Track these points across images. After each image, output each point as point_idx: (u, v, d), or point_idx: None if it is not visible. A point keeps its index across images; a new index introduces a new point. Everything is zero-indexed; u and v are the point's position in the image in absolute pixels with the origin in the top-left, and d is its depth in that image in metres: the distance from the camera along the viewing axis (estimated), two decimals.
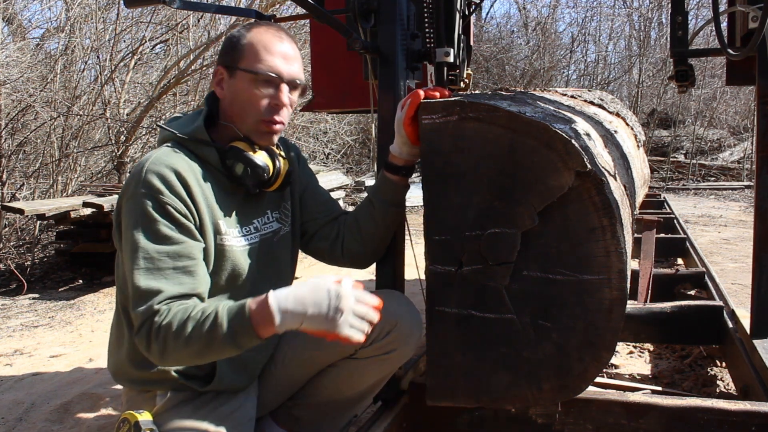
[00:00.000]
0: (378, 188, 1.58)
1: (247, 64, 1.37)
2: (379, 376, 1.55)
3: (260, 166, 1.38)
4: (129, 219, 1.27)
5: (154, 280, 1.23)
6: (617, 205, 1.26)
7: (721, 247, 5.39)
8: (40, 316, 3.82)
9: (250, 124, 1.40)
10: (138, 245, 1.24)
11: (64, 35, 6.61)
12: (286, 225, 1.55)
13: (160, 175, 1.27)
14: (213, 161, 1.37)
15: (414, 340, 1.54)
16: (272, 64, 1.38)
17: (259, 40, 1.38)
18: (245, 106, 1.39)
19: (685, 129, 13.04)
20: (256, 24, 1.43)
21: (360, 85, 2.10)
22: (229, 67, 1.40)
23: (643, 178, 2.65)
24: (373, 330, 1.46)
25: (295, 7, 2.09)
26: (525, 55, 13.46)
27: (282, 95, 1.40)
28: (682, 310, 2.31)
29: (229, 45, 1.41)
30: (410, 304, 1.56)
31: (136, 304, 1.23)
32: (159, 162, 1.29)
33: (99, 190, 5.04)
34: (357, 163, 11.84)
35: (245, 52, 1.38)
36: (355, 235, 1.58)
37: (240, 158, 1.37)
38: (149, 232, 1.24)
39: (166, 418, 1.34)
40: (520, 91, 1.85)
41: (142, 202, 1.25)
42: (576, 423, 1.54)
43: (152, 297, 1.22)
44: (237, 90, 1.39)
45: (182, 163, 1.31)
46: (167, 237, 1.25)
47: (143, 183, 1.26)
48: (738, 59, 1.92)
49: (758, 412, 1.44)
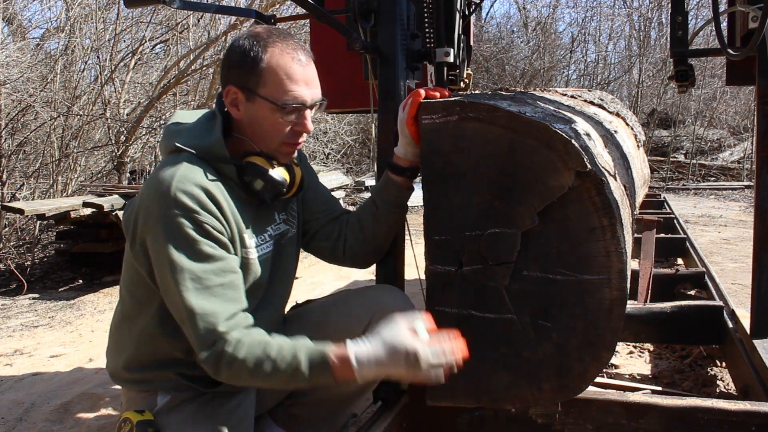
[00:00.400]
0: (381, 189, 1.57)
1: (269, 93, 1.31)
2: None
3: (279, 181, 1.37)
4: (165, 241, 1.24)
5: (206, 300, 1.24)
6: (617, 205, 1.26)
7: (721, 247, 5.39)
8: (40, 316, 3.82)
9: (273, 147, 1.38)
10: (183, 267, 1.23)
11: (64, 35, 6.61)
12: (293, 226, 1.55)
13: (191, 194, 1.25)
14: (230, 175, 1.35)
15: None
16: (297, 94, 1.33)
17: (279, 65, 1.31)
18: (268, 132, 1.36)
19: (685, 129, 13.04)
20: (270, 40, 1.33)
21: (360, 85, 2.10)
22: (246, 90, 1.33)
23: (643, 178, 2.65)
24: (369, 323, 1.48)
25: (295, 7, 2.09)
26: (525, 55, 13.46)
27: (307, 121, 1.37)
28: (682, 310, 2.31)
29: (243, 63, 1.32)
30: (406, 298, 1.56)
31: (193, 326, 1.24)
32: (185, 180, 1.26)
33: (99, 190, 5.04)
34: (357, 163, 11.84)
35: (265, 79, 1.31)
36: (357, 235, 1.58)
37: (258, 174, 1.35)
38: (191, 252, 1.24)
39: (168, 418, 1.34)
40: (520, 91, 1.85)
41: (179, 222, 1.23)
42: (576, 423, 1.54)
43: (212, 319, 1.23)
44: (258, 117, 1.34)
45: (207, 180, 1.29)
46: (210, 255, 1.26)
47: (175, 203, 1.24)
48: (738, 59, 1.92)
49: (758, 412, 1.44)
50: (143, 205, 1.29)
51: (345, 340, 1.37)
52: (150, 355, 1.38)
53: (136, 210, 1.31)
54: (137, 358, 1.39)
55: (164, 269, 1.25)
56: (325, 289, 4.11)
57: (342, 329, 1.50)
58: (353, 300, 1.56)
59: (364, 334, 1.48)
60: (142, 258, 1.31)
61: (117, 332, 1.45)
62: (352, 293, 1.60)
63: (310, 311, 1.58)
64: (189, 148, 1.32)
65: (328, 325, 1.51)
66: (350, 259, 1.61)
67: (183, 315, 1.25)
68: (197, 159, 1.31)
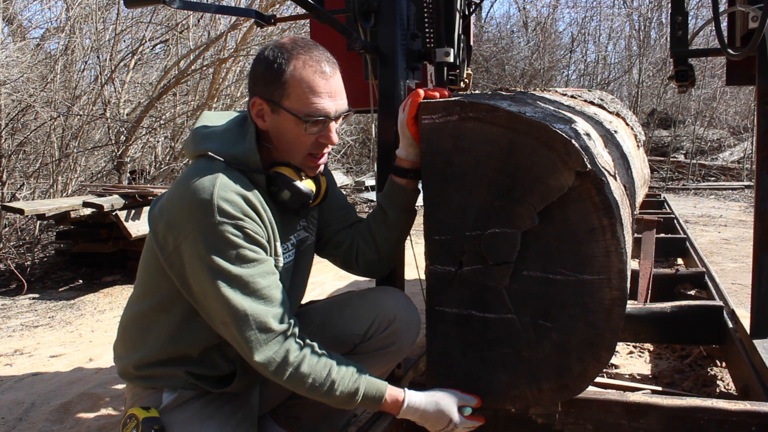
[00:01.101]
0: (387, 193, 1.56)
1: (293, 106, 1.32)
2: (378, 372, 1.56)
3: (306, 193, 1.38)
4: (207, 248, 1.24)
5: (256, 302, 1.27)
6: (617, 205, 1.26)
7: (721, 247, 5.39)
8: (40, 316, 3.82)
9: (299, 159, 1.39)
10: (229, 272, 1.25)
11: (64, 35, 6.61)
12: (312, 233, 1.56)
13: (233, 202, 1.26)
14: (261, 183, 1.36)
15: (412, 335, 1.56)
16: (320, 107, 1.33)
17: (303, 78, 1.31)
18: (293, 144, 1.36)
19: (685, 129, 13.04)
20: (295, 52, 1.32)
21: (360, 85, 2.10)
22: (270, 102, 1.33)
23: (643, 178, 2.65)
24: (371, 325, 1.49)
25: (295, 7, 2.09)
26: (525, 56, 13.46)
27: (331, 134, 1.37)
28: (682, 310, 2.31)
29: (268, 75, 1.32)
30: (408, 299, 1.57)
31: (244, 329, 1.26)
32: (226, 188, 1.26)
33: (99, 190, 5.04)
34: (357, 163, 11.84)
35: (289, 92, 1.31)
36: (369, 243, 1.57)
37: (286, 185, 1.36)
38: (237, 258, 1.26)
39: (173, 416, 1.35)
40: (520, 91, 1.85)
41: (222, 229, 1.24)
42: (576, 423, 1.54)
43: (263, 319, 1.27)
44: (283, 129, 1.35)
45: (245, 189, 1.30)
46: (254, 259, 1.28)
47: (218, 211, 1.24)
48: (738, 59, 1.92)
49: (758, 412, 1.44)
50: (177, 211, 1.28)
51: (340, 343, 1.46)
52: (165, 354, 1.39)
53: (168, 215, 1.29)
54: (152, 356, 1.39)
55: (204, 276, 1.25)
56: (325, 289, 4.11)
57: (344, 331, 1.50)
58: (355, 302, 1.56)
59: (365, 336, 1.50)
60: (176, 265, 1.30)
61: (130, 330, 1.44)
62: (354, 295, 1.60)
63: (313, 312, 1.59)
64: (221, 155, 1.32)
65: (330, 326, 1.51)
66: (364, 268, 1.60)
67: (229, 320, 1.26)
68: (230, 167, 1.31)
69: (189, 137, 1.42)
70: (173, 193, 1.32)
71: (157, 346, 1.39)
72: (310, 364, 1.30)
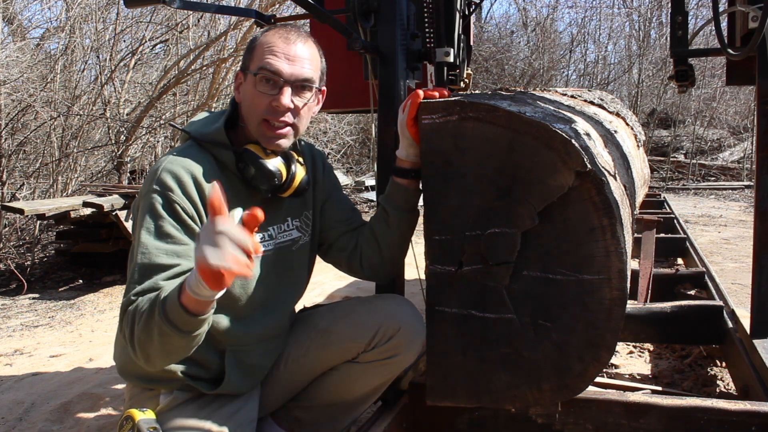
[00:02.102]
0: (389, 195, 1.55)
1: (253, 65, 1.38)
2: (379, 380, 1.55)
3: (271, 171, 1.37)
4: (138, 213, 1.30)
5: (145, 275, 1.23)
6: (617, 205, 1.26)
7: (721, 247, 5.39)
8: (40, 316, 3.82)
9: (254, 126, 1.39)
10: (140, 240, 1.26)
11: (64, 35, 6.61)
12: (306, 234, 1.54)
13: (174, 174, 1.28)
14: (230, 165, 1.36)
15: (417, 346, 1.53)
16: (274, 63, 1.36)
17: (266, 41, 1.38)
18: (250, 107, 1.39)
19: (685, 129, 13.05)
20: (272, 29, 1.42)
21: (360, 85, 2.10)
22: (244, 71, 1.41)
23: (643, 178, 2.65)
24: (375, 334, 1.47)
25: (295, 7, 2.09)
26: (525, 56, 13.46)
27: (282, 97, 1.36)
28: (682, 310, 2.31)
29: (246, 49, 1.43)
30: (414, 308, 1.54)
31: (127, 283, 1.26)
32: (175, 162, 1.30)
33: (99, 190, 5.04)
34: (357, 163, 11.84)
35: (254, 54, 1.39)
36: (372, 246, 1.56)
37: (251, 161, 1.36)
38: (154, 228, 1.26)
39: (170, 417, 1.35)
40: (520, 91, 1.85)
41: (152, 198, 1.27)
42: (576, 423, 1.54)
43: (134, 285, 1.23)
44: (246, 92, 1.40)
45: (198, 166, 1.31)
46: (169, 235, 1.26)
47: (157, 180, 1.28)
48: (738, 59, 1.92)
49: (758, 412, 1.44)
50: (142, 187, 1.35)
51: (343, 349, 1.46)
52: None
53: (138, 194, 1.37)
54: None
55: (133, 240, 1.29)
56: (325, 289, 4.11)
57: (348, 338, 1.49)
58: (360, 309, 1.55)
59: (369, 345, 1.49)
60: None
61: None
62: (359, 302, 1.59)
63: (318, 317, 1.58)
64: (193, 135, 1.39)
65: (334, 332, 1.51)
66: (369, 271, 1.59)
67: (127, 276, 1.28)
68: (199, 147, 1.36)
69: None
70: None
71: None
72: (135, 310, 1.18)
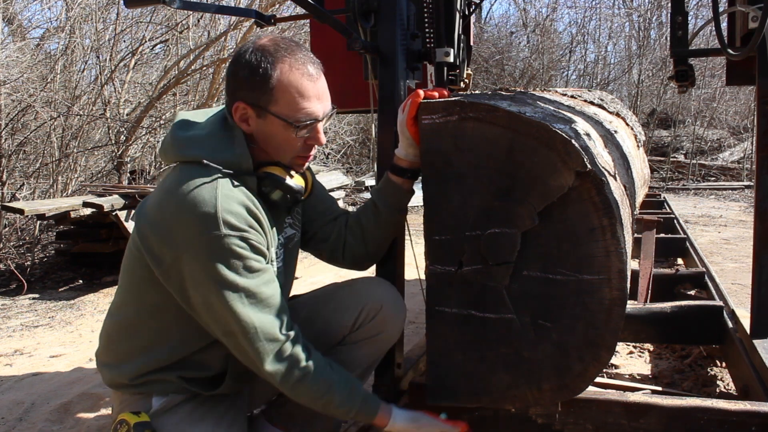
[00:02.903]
0: (381, 190, 1.57)
1: (282, 111, 1.30)
2: (367, 360, 1.57)
3: (297, 190, 1.39)
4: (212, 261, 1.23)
5: (263, 313, 1.29)
6: (617, 205, 1.26)
7: (721, 247, 5.39)
8: (40, 316, 3.82)
9: (287, 160, 1.39)
10: (236, 284, 1.25)
11: (64, 35, 6.61)
12: (298, 230, 1.56)
13: (238, 214, 1.25)
14: (252, 186, 1.34)
15: (399, 322, 1.59)
16: (310, 110, 1.32)
17: (291, 82, 1.29)
18: (282, 147, 1.36)
19: (685, 129, 13.04)
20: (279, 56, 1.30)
21: (360, 85, 2.10)
22: (256, 107, 1.31)
23: (643, 178, 2.65)
24: (359, 314, 1.51)
25: (295, 7, 2.09)
26: (524, 56, 13.46)
27: (320, 135, 1.38)
28: (682, 310, 2.31)
29: (252, 80, 1.29)
30: (393, 288, 1.59)
31: (254, 340, 1.28)
32: (230, 200, 1.25)
33: (99, 190, 5.04)
34: (357, 163, 11.84)
35: (277, 98, 1.29)
36: (357, 237, 1.58)
37: (278, 185, 1.36)
38: (244, 269, 1.26)
39: (164, 420, 1.35)
40: (520, 91, 1.85)
41: (228, 242, 1.23)
42: (576, 423, 1.54)
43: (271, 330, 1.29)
44: (271, 133, 1.34)
45: (244, 197, 1.29)
46: (259, 270, 1.29)
47: (224, 224, 1.23)
48: (738, 59, 1.92)
49: (758, 412, 1.44)
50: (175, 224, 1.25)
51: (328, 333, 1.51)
52: (159, 361, 1.38)
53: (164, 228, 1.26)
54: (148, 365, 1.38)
55: (209, 288, 1.25)
56: None
57: (332, 323, 1.51)
58: (341, 293, 1.56)
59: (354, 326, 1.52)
60: (175, 277, 1.28)
61: (117, 339, 1.42)
62: (339, 286, 1.60)
63: (299, 306, 1.57)
64: (213, 161, 1.29)
65: (318, 319, 1.52)
66: (349, 260, 1.61)
67: (237, 330, 1.27)
68: (223, 173, 1.29)
69: (168, 141, 1.37)
70: (164, 202, 1.27)
71: (149, 354, 1.37)
72: (315, 377, 1.33)
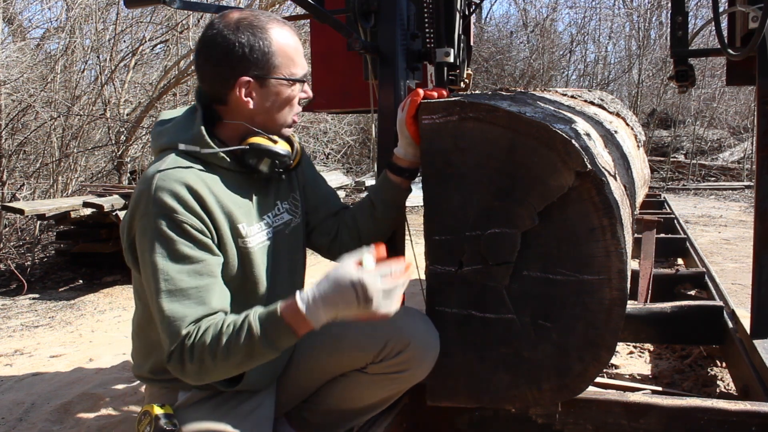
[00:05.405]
0: (379, 188, 1.57)
1: (283, 72, 1.36)
2: (387, 393, 1.52)
3: (285, 155, 1.40)
4: (144, 240, 1.24)
5: (178, 302, 1.22)
6: (617, 205, 1.26)
7: (721, 247, 5.39)
8: (40, 316, 3.82)
9: (287, 123, 1.42)
10: (157, 267, 1.22)
11: (64, 35, 6.61)
12: (296, 216, 1.54)
13: (172, 192, 1.24)
14: (221, 164, 1.34)
15: (428, 362, 1.45)
16: (303, 63, 1.41)
17: (287, 44, 1.36)
18: (284, 109, 1.40)
19: (685, 129, 13.04)
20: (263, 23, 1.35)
21: (360, 85, 2.10)
22: (260, 78, 1.34)
23: (643, 178, 2.65)
24: (383, 347, 1.43)
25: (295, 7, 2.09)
26: (525, 56, 13.46)
27: (308, 87, 1.44)
28: (682, 310, 2.31)
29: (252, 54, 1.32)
30: (427, 322, 1.48)
31: (163, 328, 1.23)
32: (168, 178, 1.25)
33: (99, 190, 5.04)
34: (357, 163, 11.84)
35: (280, 59, 1.35)
36: (352, 233, 1.57)
37: (265, 154, 1.36)
38: (168, 252, 1.23)
39: (187, 413, 1.35)
40: (520, 92, 1.85)
41: (156, 222, 1.23)
42: (576, 423, 1.54)
43: (179, 322, 1.22)
44: (274, 98, 1.37)
45: (191, 174, 1.28)
46: (186, 256, 1.24)
47: (155, 202, 1.23)
48: (738, 59, 1.92)
49: (758, 412, 1.44)
50: (131, 205, 1.30)
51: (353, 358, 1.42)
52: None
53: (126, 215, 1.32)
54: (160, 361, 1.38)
55: (145, 268, 1.26)
56: None
57: (357, 347, 1.46)
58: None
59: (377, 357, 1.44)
60: (130, 258, 1.32)
61: (138, 339, 1.46)
62: None
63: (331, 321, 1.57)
64: (173, 145, 1.32)
65: (345, 339, 1.48)
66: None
67: (156, 315, 1.25)
68: (183, 154, 1.31)
69: (151, 137, 1.44)
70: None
71: (160, 349, 1.38)
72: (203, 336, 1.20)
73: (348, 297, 1.17)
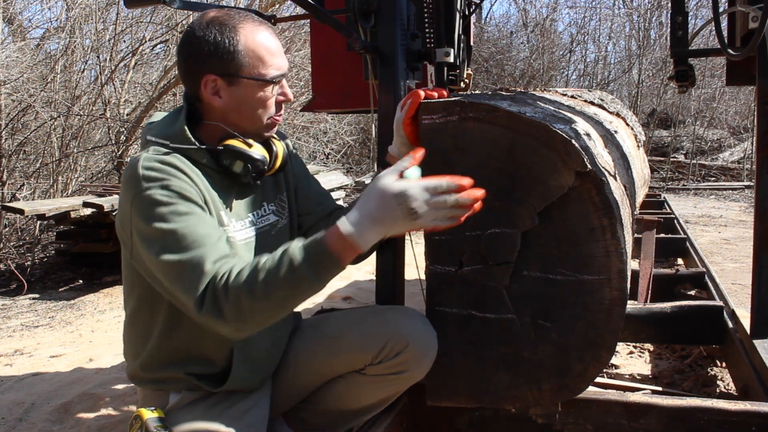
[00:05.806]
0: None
1: (253, 72, 1.33)
2: (385, 394, 1.52)
3: (259, 159, 1.38)
4: (143, 215, 1.23)
5: (193, 250, 1.19)
6: (617, 205, 1.27)
7: (721, 247, 5.39)
8: (40, 316, 3.82)
9: (262, 125, 1.39)
10: (162, 231, 1.20)
11: (64, 35, 6.61)
12: (283, 217, 1.54)
13: (155, 167, 1.25)
14: (203, 162, 1.35)
15: (426, 363, 1.45)
16: (279, 64, 1.36)
17: (257, 42, 1.34)
18: (257, 110, 1.37)
19: (685, 129, 13.04)
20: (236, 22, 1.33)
21: (360, 85, 2.10)
22: (226, 76, 1.33)
23: (643, 178, 2.65)
24: (382, 348, 1.43)
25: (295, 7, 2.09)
26: (524, 56, 13.46)
27: (287, 89, 1.41)
28: (682, 310, 2.31)
29: (217, 51, 1.31)
30: (425, 323, 1.47)
31: (182, 280, 1.18)
32: (152, 159, 1.27)
33: (99, 190, 5.04)
34: (357, 163, 11.84)
35: (247, 59, 1.33)
36: None
37: (238, 156, 1.35)
38: (168, 214, 1.21)
39: (178, 416, 1.34)
40: (520, 91, 1.85)
41: (150, 194, 1.22)
42: (576, 423, 1.54)
43: (199, 263, 1.17)
44: (245, 98, 1.35)
45: (174, 158, 1.29)
46: (188, 212, 1.23)
47: (144, 178, 1.23)
48: (738, 59, 1.92)
49: (758, 412, 1.44)
50: (121, 198, 1.30)
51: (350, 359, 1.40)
52: (163, 354, 1.38)
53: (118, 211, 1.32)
54: (151, 358, 1.39)
55: (148, 244, 1.22)
56: (325, 290, 4.11)
57: (355, 348, 1.46)
58: (371, 320, 1.50)
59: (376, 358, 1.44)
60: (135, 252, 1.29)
61: (128, 336, 1.45)
62: (372, 312, 1.55)
63: (329, 322, 1.56)
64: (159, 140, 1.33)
65: (343, 341, 1.48)
66: None
67: (172, 276, 1.20)
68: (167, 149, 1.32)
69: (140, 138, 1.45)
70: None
71: (154, 346, 1.38)
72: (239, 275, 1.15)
73: (393, 213, 1.13)
